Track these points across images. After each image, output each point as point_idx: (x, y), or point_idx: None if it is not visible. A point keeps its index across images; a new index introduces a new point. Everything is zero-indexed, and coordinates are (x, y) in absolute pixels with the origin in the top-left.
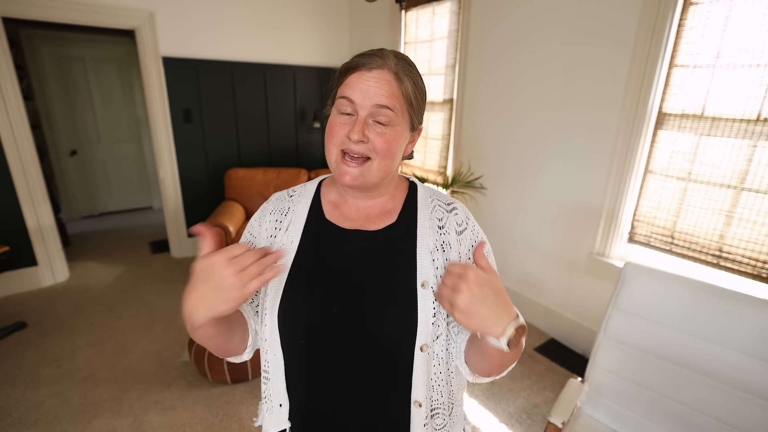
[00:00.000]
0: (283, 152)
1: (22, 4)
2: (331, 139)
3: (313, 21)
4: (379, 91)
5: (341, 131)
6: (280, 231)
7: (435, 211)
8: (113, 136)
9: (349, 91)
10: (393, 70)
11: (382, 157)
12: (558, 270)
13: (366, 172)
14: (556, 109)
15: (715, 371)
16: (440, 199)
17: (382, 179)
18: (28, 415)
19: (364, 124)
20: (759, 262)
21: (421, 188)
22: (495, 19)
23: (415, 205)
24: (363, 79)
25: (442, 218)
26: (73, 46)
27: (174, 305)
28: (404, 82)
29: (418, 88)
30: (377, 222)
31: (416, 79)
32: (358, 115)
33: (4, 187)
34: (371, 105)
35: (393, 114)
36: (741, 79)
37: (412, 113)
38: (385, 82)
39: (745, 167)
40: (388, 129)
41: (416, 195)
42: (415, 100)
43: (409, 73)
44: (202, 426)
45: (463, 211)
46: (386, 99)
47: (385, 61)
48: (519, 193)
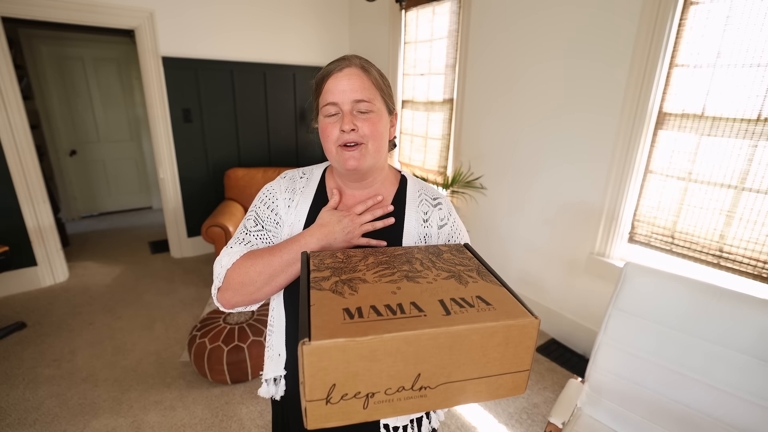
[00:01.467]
0: (283, 152)
1: (21, 3)
2: (327, 138)
3: (313, 21)
4: (354, 86)
5: (334, 129)
6: (290, 208)
7: (421, 205)
8: (113, 136)
9: (329, 96)
10: (358, 65)
11: (373, 138)
12: (558, 270)
13: (364, 152)
14: (556, 109)
15: (715, 371)
16: (427, 194)
17: (377, 159)
18: (28, 416)
19: (351, 116)
20: (759, 262)
21: (410, 181)
22: (495, 19)
23: (404, 199)
24: (337, 81)
25: (427, 212)
26: (72, 46)
27: (173, 305)
28: (371, 72)
29: (383, 76)
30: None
31: (377, 69)
32: (342, 111)
33: (3, 187)
34: (351, 101)
35: (370, 103)
36: (741, 79)
37: (385, 97)
38: (356, 76)
39: (746, 167)
40: (371, 114)
41: (406, 188)
42: (384, 85)
43: (372, 66)
44: (202, 426)
45: (447, 207)
46: (360, 92)
47: (350, 61)
48: (519, 193)
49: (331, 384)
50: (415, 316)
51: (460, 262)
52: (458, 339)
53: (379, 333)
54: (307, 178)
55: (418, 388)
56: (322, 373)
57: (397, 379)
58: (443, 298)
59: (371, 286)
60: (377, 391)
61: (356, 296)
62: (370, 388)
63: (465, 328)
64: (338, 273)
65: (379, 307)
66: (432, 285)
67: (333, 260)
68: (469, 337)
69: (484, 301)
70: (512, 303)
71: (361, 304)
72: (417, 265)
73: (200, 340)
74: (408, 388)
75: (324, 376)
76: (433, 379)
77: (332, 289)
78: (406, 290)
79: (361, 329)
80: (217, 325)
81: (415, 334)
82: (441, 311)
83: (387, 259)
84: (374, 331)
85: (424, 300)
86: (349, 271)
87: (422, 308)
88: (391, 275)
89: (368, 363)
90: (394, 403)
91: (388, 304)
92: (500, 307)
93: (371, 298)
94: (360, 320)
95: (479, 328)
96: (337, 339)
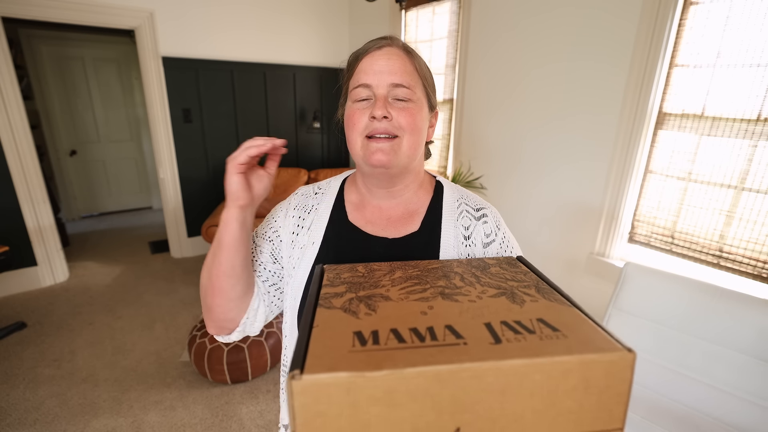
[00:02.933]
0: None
1: (21, 3)
2: (352, 127)
3: (313, 21)
4: (393, 67)
5: (362, 116)
6: (302, 229)
7: (462, 218)
8: (113, 136)
9: (363, 76)
10: (401, 45)
11: (410, 132)
12: (558, 270)
13: (397, 148)
14: (556, 109)
15: (714, 371)
16: (469, 203)
17: (411, 159)
18: (28, 415)
19: (385, 101)
20: (759, 262)
21: (447, 189)
22: (495, 19)
23: (440, 211)
24: (374, 59)
25: (468, 227)
26: (72, 46)
27: (174, 305)
28: (415, 56)
29: (427, 68)
30: (399, 227)
31: (422, 58)
32: (375, 96)
33: (3, 187)
34: (387, 84)
35: (410, 90)
36: (741, 79)
37: (428, 88)
38: (397, 57)
39: (746, 167)
40: (410, 104)
41: (442, 197)
42: (429, 76)
43: (415, 52)
44: (202, 426)
45: (494, 219)
46: (401, 76)
47: (392, 40)
48: (519, 193)
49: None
50: (451, 344)
51: (514, 277)
52: (514, 379)
53: (398, 366)
54: (323, 193)
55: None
56: (320, 421)
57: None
58: (491, 320)
59: (395, 305)
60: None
61: (374, 317)
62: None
63: (524, 363)
64: (355, 288)
65: (403, 331)
66: (475, 304)
67: (352, 274)
68: (530, 376)
69: (549, 325)
70: (591, 329)
71: (378, 326)
72: (456, 281)
73: (200, 340)
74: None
75: (322, 425)
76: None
77: (344, 307)
78: (441, 310)
79: (374, 360)
80: None
81: (451, 369)
82: (488, 338)
83: (418, 273)
84: (392, 364)
85: (465, 323)
86: (369, 286)
87: (461, 334)
88: (422, 291)
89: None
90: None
91: (415, 327)
92: (573, 334)
93: (393, 319)
94: (375, 348)
95: (545, 363)
96: (339, 373)
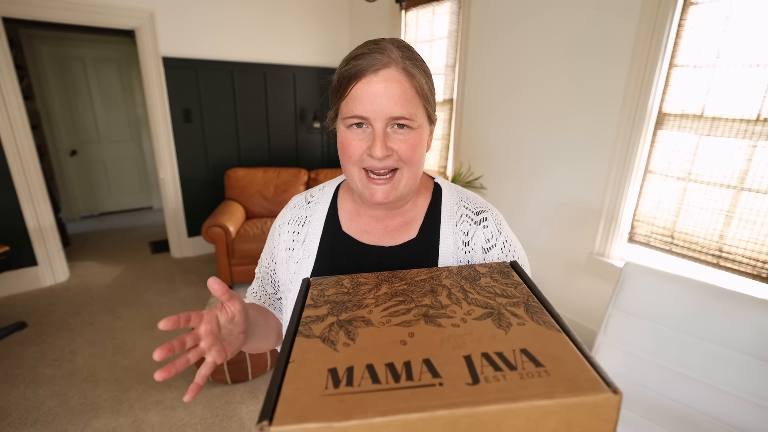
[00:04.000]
0: (283, 152)
1: (22, 4)
2: (348, 159)
3: (313, 21)
4: (392, 97)
5: (358, 148)
6: (297, 243)
7: (461, 223)
8: (113, 136)
9: (358, 106)
10: (401, 65)
11: (410, 165)
12: (558, 270)
13: (397, 185)
14: (556, 108)
15: (714, 371)
16: (468, 206)
17: (412, 187)
18: (28, 415)
19: (384, 135)
20: (759, 262)
21: (446, 191)
22: (495, 19)
23: (439, 216)
24: (371, 87)
25: (468, 232)
26: (73, 46)
27: (174, 305)
28: (416, 77)
29: (428, 76)
30: (396, 235)
31: (423, 66)
32: (373, 128)
33: (4, 187)
34: (386, 117)
35: (411, 120)
36: (741, 79)
37: (428, 107)
38: (396, 83)
39: (745, 167)
40: (411, 133)
41: (440, 201)
42: (430, 92)
43: (416, 62)
44: (202, 426)
45: (495, 223)
46: (401, 107)
47: (389, 57)
48: (519, 193)
49: None
50: (426, 385)
51: (503, 291)
52: (491, 424)
53: (368, 416)
54: (316, 202)
55: None
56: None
57: None
58: (471, 352)
59: (375, 332)
60: None
61: (351, 348)
62: None
63: (500, 408)
64: (338, 310)
65: (378, 368)
66: (458, 330)
67: (337, 290)
68: (507, 421)
69: (533, 359)
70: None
71: (354, 362)
72: (443, 297)
73: None
74: None
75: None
76: None
77: (323, 336)
78: (421, 339)
79: (345, 407)
80: None
81: (422, 417)
82: (465, 377)
83: (404, 289)
84: (362, 412)
85: (444, 356)
86: (352, 306)
87: (438, 371)
88: (406, 313)
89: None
90: None
91: (392, 362)
92: (557, 370)
93: (371, 351)
94: (347, 390)
95: (523, 408)
96: (308, 424)
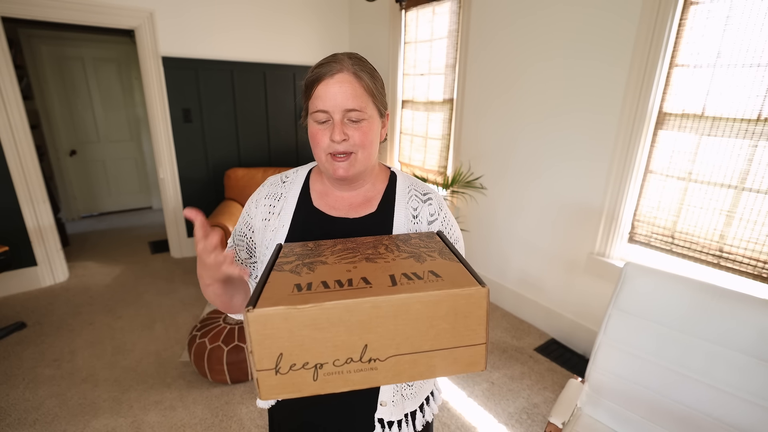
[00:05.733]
0: (283, 152)
1: (21, 3)
2: (317, 145)
3: (313, 21)
4: (345, 94)
5: (324, 136)
6: (272, 215)
7: (411, 201)
8: (113, 136)
9: (320, 103)
10: (351, 70)
11: (363, 148)
12: (558, 270)
13: (354, 162)
14: (556, 109)
15: (715, 371)
16: (417, 189)
17: (366, 167)
18: (28, 415)
19: (341, 124)
20: (759, 262)
21: (400, 178)
22: (495, 19)
23: (393, 196)
24: (328, 87)
25: (417, 208)
26: (72, 46)
27: (173, 305)
28: (363, 79)
29: (376, 78)
30: (359, 210)
31: (371, 71)
32: (333, 119)
33: (3, 187)
34: (342, 110)
35: (361, 112)
36: (741, 79)
37: (377, 102)
38: (348, 84)
39: (746, 167)
40: (362, 123)
41: (395, 185)
42: (376, 90)
43: (365, 68)
44: (202, 426)
45: (438, 202)
46: (352, 101)
47: (342, 65)
48: (519, 193)
49: (278, 353)
50: (360, 288)
51: (426, 245)
52: (402, 308)
53: (320, 301)
54: (291, 182)
55: (366, 360)
56: (269, 342)
57: (344, 349)
58: (394, 273)
59: (329, 267)
60: (325, 362)
61: (311, 275)
62: (318, 359)
63: (407, 296)
64: (303, 258)
65: (330, 282)
66: (388, 264)
67: (302, 249)
68: (412, 306)
69: (435, 274)
70: (462, 274)
71: (312, 280)
72: (381, 249)
73: (200, 340)
74: (356, 359)
75: (270, 345)
76: (382, 351)
77: (291, 270)
78: (362, 269)
79: (304, 299)
80: (217, 325)
81: (356, 302)
82: (388, 283)
83: (354, 246)
84: (316, 300)
85: (376, 275)
86: (314, 256)
87: (370, 281)
88: (353, 258)
89: (312, 332)
90: (344, 375)
91: (339, 279)
92: (448, 278)
93: (325, 275)
94: (307, 293)
95: (422, 297)
96: (278, 307)
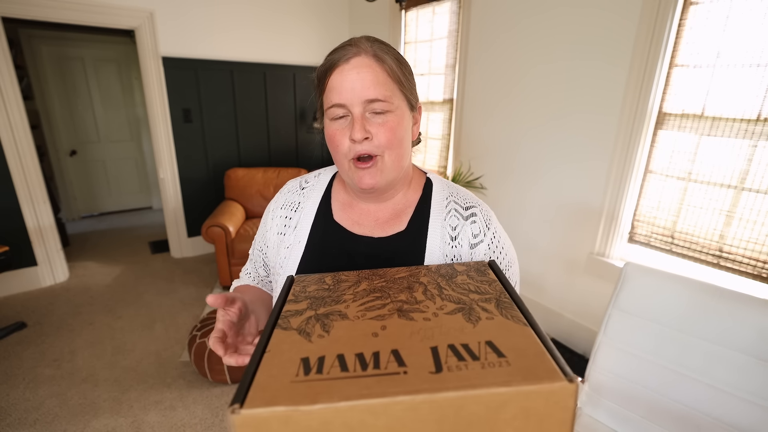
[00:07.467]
0: (283, 152)
1: (21, 3)
2: (336, 149)
3: (312, 21)
4: (365, 81)
5: (343, 137)
6: (288, 228)
7: (449, 218)
8: (113, 136)
9: (335, 96)
10: (370, 52)
11: (392, 148)
12: (558, 270)
13: (381, 168)
14: (556, 108)
15: (714, 371)
16: (458, 201)
17: (399, 171)
18: (28, 415)
19: (362, 119)
20: (759, 262)
21: (437, 186)
22: (495, 19)
23: (428, 210)
24: (344, 75)
25: (456, 227)
26: (72, 46)
27: (173, 305)
28: (386, 61)
29: (402, 62)
30: (386, 227)
31: (396, 54)
32: (352, 114)
33: (3, 187)
34: (362, 101)
35: (386, 102)
36: (741, 79)
37: (405, 91)
38: (367, 68)
39: (746, 167)
40: (388, 117)
41: (431, 195)
42: (404, 77)
43: (387, 50)
44: (202, 426)
45: (483, 219)
46: (374, 89)
47: (359, 47)
48: (519, 193)
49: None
50: (391, 373)
51: (478, 288)
52: (450, 412)
53: (333, 400)
54: (311, 188)
55: None
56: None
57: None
58: (438, 344)
59: (350, 325)
60: None
61: (325, 339)
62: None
63: (459, 395)
64: (316, 305)
65: (348, 358)
66: (429, 323)
67: (318, 287)
68: (466, 407)
69: (496, 350)
70: (537, 354)
71: (326, 351)
72: (418, 293)
73: (200, 340)
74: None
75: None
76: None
77: (300, 328)
78: (393, 331)
79: (312, 392)
80: None
81: (384, 402)
82: (429, 366)
83: (383, 285)
84: (328, 397)
85: (412, 347)
86: (331, 302)
87: (405, 361)
88: (381, 308)
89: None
90: None
91: (361, 352)
92: (518, 361)
93: (343, 342)
94: (317, 377)
95: (481, 395)
96: (277, 407)
